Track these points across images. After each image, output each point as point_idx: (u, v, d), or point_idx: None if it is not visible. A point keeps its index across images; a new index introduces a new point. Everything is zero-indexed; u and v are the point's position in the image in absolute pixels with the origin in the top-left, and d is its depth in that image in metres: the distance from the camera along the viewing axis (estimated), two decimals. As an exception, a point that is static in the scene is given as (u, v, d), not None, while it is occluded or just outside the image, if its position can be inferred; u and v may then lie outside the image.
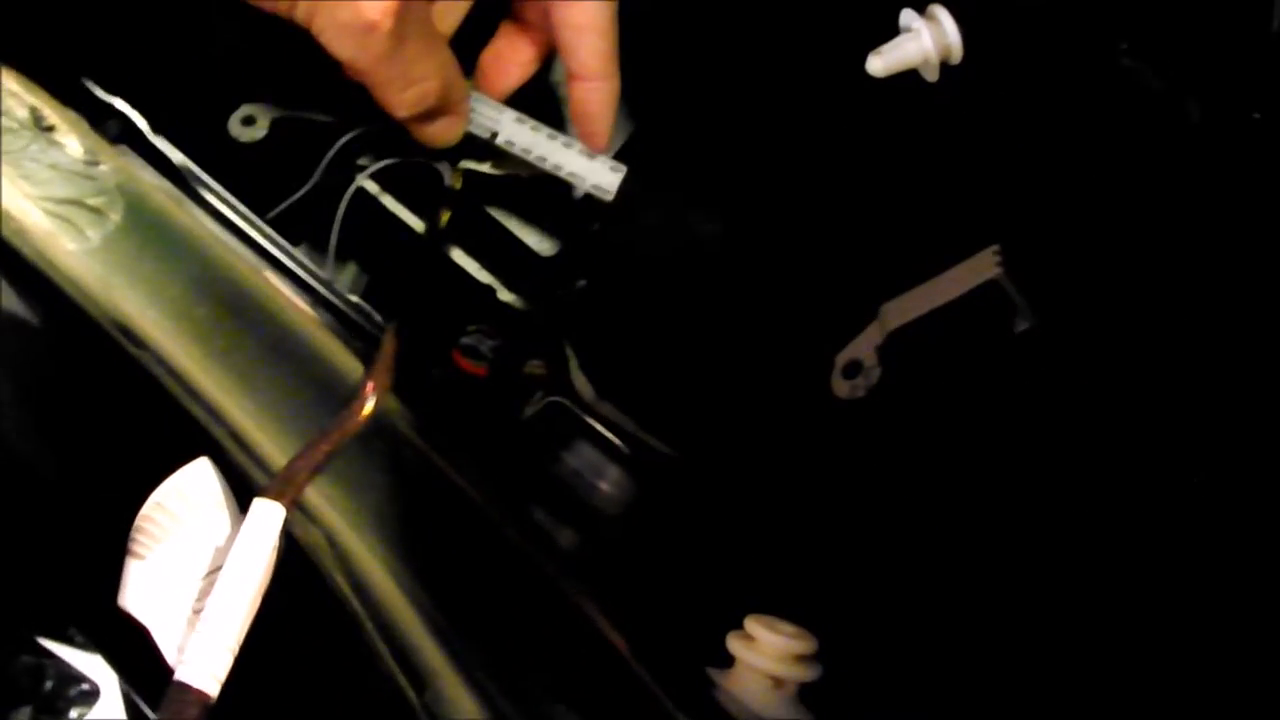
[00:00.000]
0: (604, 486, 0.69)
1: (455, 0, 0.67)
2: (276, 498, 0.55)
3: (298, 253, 0.70)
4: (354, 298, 0.70)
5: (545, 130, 0.70)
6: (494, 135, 0.69)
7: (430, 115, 0.66)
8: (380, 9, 0.58)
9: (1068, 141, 0.63)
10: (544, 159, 0.69)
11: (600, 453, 0.70)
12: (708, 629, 0.59)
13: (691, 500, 0.68)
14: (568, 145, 0.70)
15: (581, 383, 0.71)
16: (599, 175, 0.69)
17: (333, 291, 0.69)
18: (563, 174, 0.69)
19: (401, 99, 0.64)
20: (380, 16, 0.58)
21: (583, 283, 0.75)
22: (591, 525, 0.69)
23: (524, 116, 0.70)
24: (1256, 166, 0.55)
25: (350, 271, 0.77)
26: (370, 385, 0.59)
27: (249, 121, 0.73)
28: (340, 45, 0.60)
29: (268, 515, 0.55)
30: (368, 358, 0.63)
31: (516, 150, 0.69)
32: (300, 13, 0.59)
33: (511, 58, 0.70)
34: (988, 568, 0.61)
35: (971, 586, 0.61)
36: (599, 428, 0.69)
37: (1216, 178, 0.57)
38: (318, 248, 0.77)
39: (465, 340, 0.73)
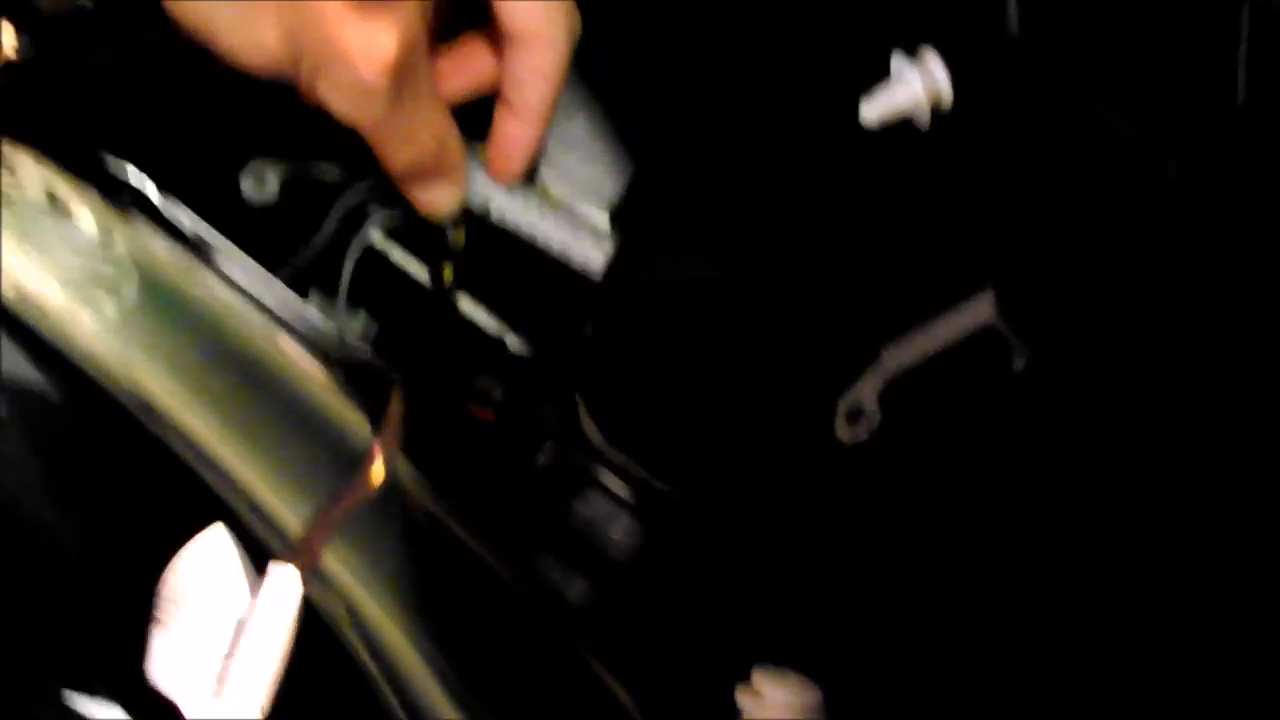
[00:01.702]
0: (615, 535, 0.71)
1: (462, 65, 0.68)
2: (293, 564, 0.56)
3: (308, 308, 0.72)
4: (364, 349, 0.71)
5: (537, 206, 0.71)
6: (487, 209, 0.71)
7: (427, 179, 0.67)
8: (375, 72, 0.60)
9: (1052, 188, 0.64)
10: (534, 235, 0.70)
11: (611, 501, 0.71)
12: (717, 678, 0.60)
13: (701, 546, 0.69)
14: (557, 223, 0.72)
15: (590, 429, 0.72)
16: (586, 254, 0.70)
17: (343, 345, 0.71)
18: (551, 251, 0.70)
19: (399, 156, 0.65)
20: (376, 78, 0.60)
21: (590, 328, 0.76)
22: (603, 573, 0.70)
23: (517, 191, 0.71)
24: (1233, 216, 0.57)
25: (360, 319, 0.78)
26: (379, 448, 0.60)
27: (259, 179, 0.75)
28: (340, 106, 0.62)
29: (286, 582, 0.56)
30: (378, 414, 0.64)
31: (507, 226, 0.70)
32: (303, 78, 0.61)
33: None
34: (995, 610, 0.62)
35: (979, 629, 0.62)
36: (608, 477, 0.70)
37: (1195, 225, 0.59)
38: (328, 295, 0.79)
39: (474, 387, 0.74)
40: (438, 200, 0.69)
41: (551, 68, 0.67)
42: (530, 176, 0.73)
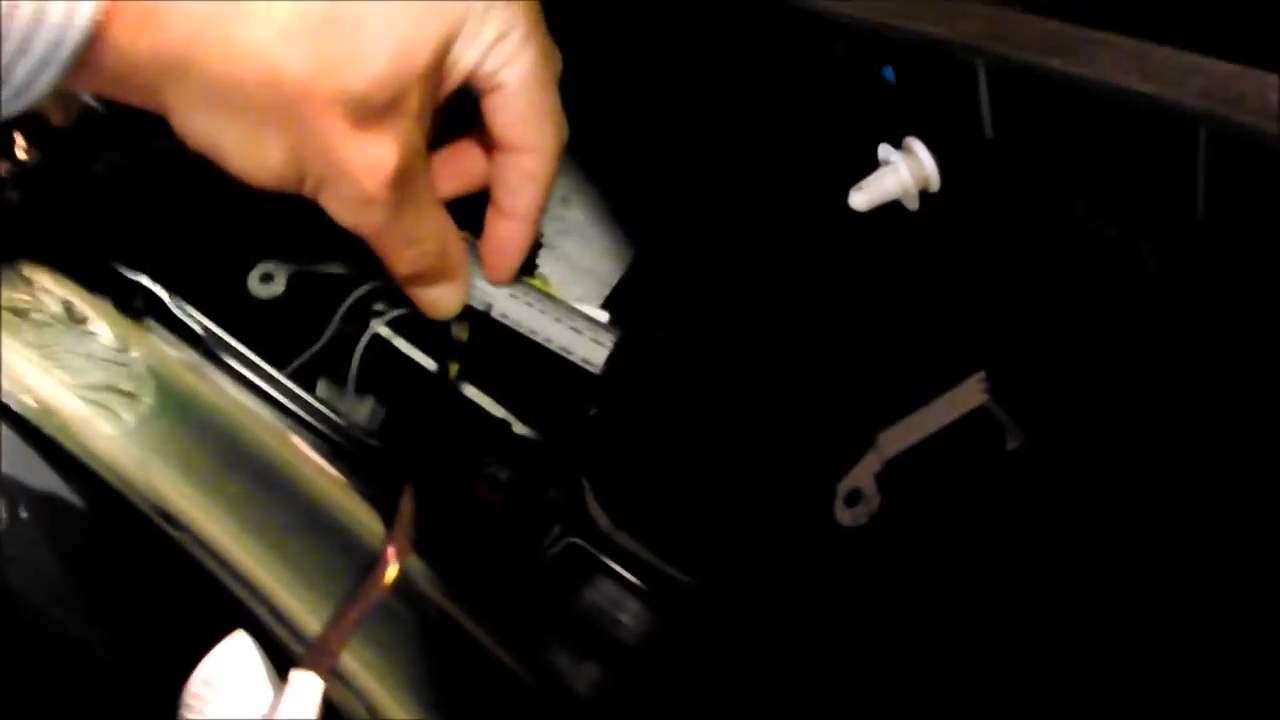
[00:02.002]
0: (625, 620, 0.72)
1: (456, 167, 0.70)
2: (313, 668, 0.58)
3: (318, 404, 0.74)
4: (373, 440, 0.73)
5: (538, 305, 0.72)
6: (489, 308, 0.72)
7: (430, 280, 0.69)
8: (377, 184, 0.61)
9: (1037, 276, 0.66)
10: (535, 332, 0.72)
11: (620, 587, 0.73)
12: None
13: (708, 630, 0.71)
14: (558, 320, 0.72)
15: (597, 512, 0.74)
16: (587, 350, 0.72)
17: (351, 437, 0.73)
18: (553, 347, 0.72)
19: (402, 257, 0.66)
20: (377, 190, 0.61)
21: (594, 411, 0.77)
22: (613, 657, 0.71)
23: (518, 290, 0.72)
24: (1211, 301, 0.58)
25: (369, 404, 0.80)
26: (392, 549, 0.62)
27: (267, 279, 0.77)
28: (344, 217, 0.63)
29: (306, 687, 0.58)
30: (389, 510, 0.66)
31: (509, 324, 0.72)
32: (308, 189, 0.62)
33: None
34: (996, 690, 0.64)
35: (981, 709, 0.64)
36: (615, 566, 0.72)
37: (1172, 311, 0.60)
38: (337, 383, 0.81)
39: (482, 471, 0.76)
40: (441, 301, 0.70)
41: (541, 173, 0.68)
42: (529, 271, 0.74)
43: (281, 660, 0.61)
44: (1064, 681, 0.63)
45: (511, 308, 0.71)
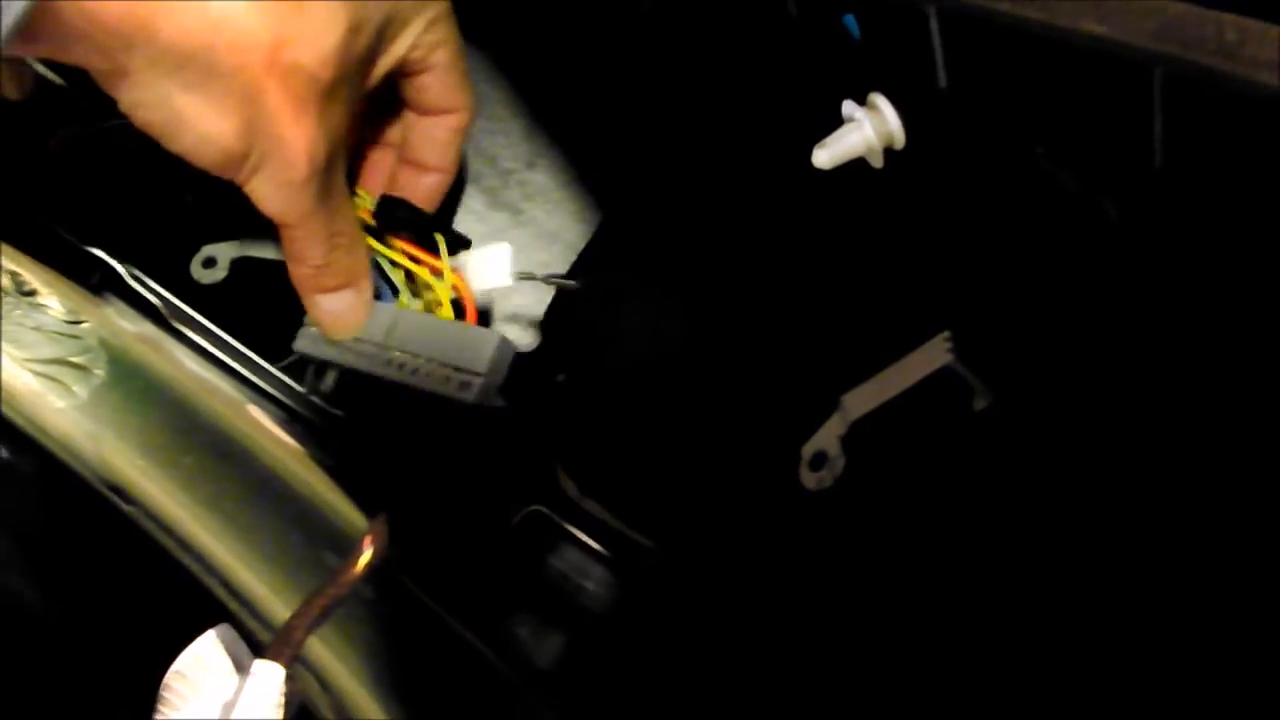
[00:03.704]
0: (590, 587, 0.72)
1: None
2: (275, 658, 0.57)
3: (279, 374, 0.73)
4: (336, 411, 0.72)
5: (396, 365, 0.71)
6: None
7: (336, 284, 0.68)
8: (314, 167, 0.62)
9: (1000, 231, 0.65)
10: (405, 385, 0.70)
11: (585, 554, 0.72)
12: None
13: (674, 596, 0.70)
14: (426, 376, 0.70)
15: (565, 480, 0.73)
16: (455, 393, 0.70)
17: (313, 407, 0.72)
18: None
19: (318, 250, 0.66)
20: (313, 173, 0.62)
21: (562, 378, 0.76)
22: (578, 625, 0.71)
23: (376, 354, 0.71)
24: (1173, 253, 0.58)
25: (332, 377, 0.78)
26: (368, 539, 0.61)
27: (210, 263, 0.76)
28: (273, 202, 0.63)
29: (268, 676, 0.57)
30: (348, 477, 0.65)
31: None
32: (243, 174, 0.62)
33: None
34: (963, 651, 0.63)
35: (948, 672, 0.63)
36: (579, 534, 0.71)
37: (1136, 264, 0.60)
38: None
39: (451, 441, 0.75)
40: (344, 313, 0.70)
41: (468, 125, 0.74)
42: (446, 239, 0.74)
43: (252, 645, 0.60)
44: (1029, 644, 0.62)
45: (378, 369, 0.70)
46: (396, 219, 0.71)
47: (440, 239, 0.72)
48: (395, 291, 0.72)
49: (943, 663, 0.63)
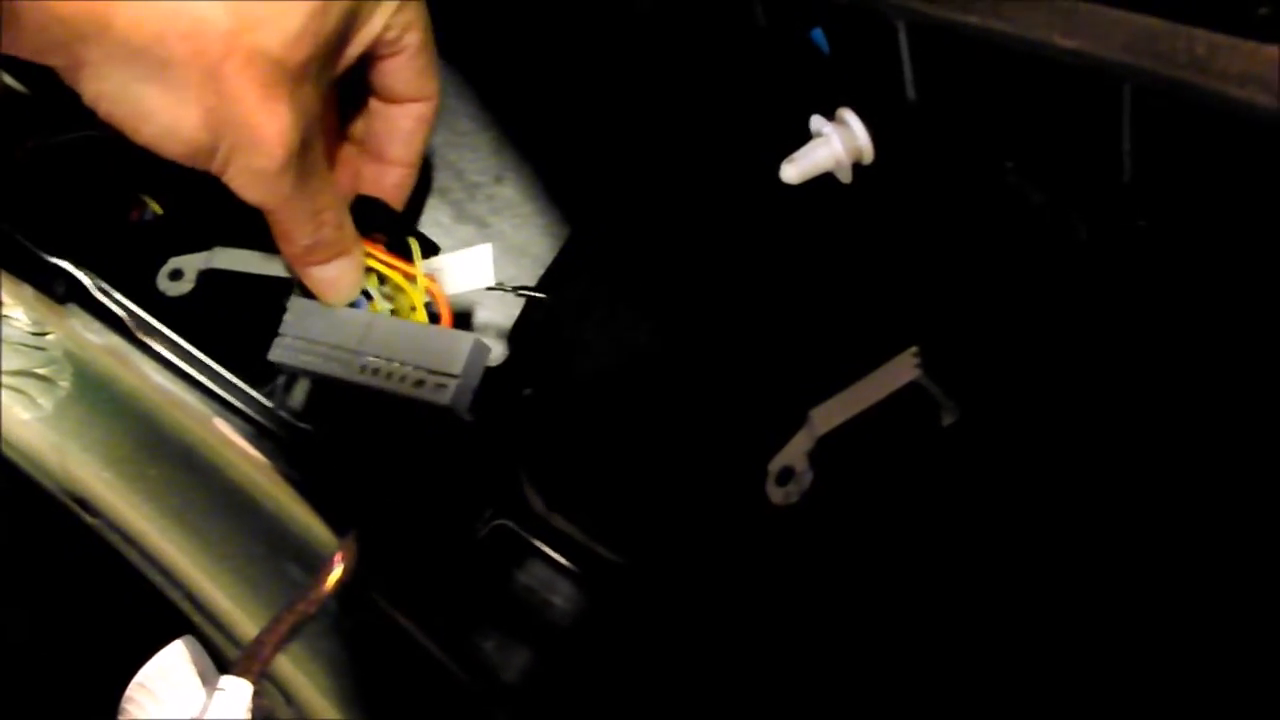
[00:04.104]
0: (557, 601, 0.71)
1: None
2: (243, 674, 0.56)
3: (246, 388, 0.72)
4: (304, 425, 0.72)
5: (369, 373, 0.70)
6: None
7: (327, 255, 0.68)
8: (287, 152, 0.61)
9: (968, 247, 0.65)
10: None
11: (551, 568, 0.72)
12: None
13: (641, 610, 0.70)
14: (399, 384, 0.69)
15: (531, 494, 0.73)
16: (432, 395, 0.69)
17: (281, 421, 0.71)
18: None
19: (304, 230, 0.66)
20: (287, 159, 0.61)
21: (529, 391, 0.76)
22: (544, 640, 0.70)
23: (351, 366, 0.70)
24: (1143, 268, 0.58)
25: (302, 387, 0.78)
26: (339, 556, 0.61)
27: (176, 276, 0.75)
28: (251, 189, 0.62)
29: (236, 692, 0.56)
30: (314, 493, 0.65)
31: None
32: (216, 164, 0.61)
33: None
34: (928, 664, 0.63)
35: (913, 685, 0.63)
36: (545, 548, 0.71)
37: (1104, 279, 0.60)
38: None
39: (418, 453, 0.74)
40: (339, 278, 0.69)
41: (433, 116, 0.72)
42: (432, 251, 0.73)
43: (217, 659, 0.59)
44: (996, 657, 0.62)
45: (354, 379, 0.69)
46: (373, 220, 0.70)
47: (414, 243, 0.71)
48: (369, 297, 0.71)
49: (909, 676, 0.63)
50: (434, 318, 0.71)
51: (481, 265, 0.72)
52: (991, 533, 0.63)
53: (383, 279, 0.71)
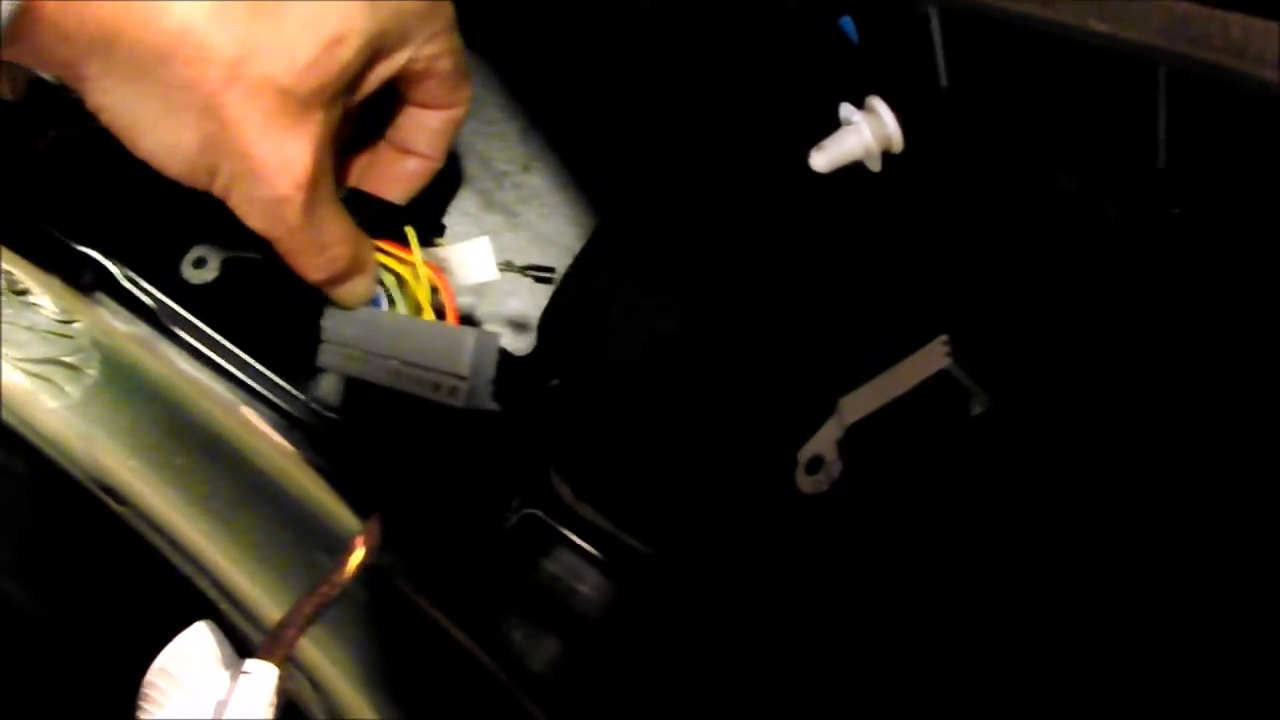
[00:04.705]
0: (584, 590, 0.71)
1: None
2: (267, 657, 0.56)
3: (273, 376, 0.72)
4: (331, 414, 0.72)
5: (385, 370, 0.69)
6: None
7: (340, 280, 0.67)
8: (292, 183, 0.60)
9: (999, 235, 0.65)
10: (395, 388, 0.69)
11: (579, 557, 0.71)
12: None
13: (669, 599, 0.70)
14: (414, 381, 0.69)
15: (559, 484, 0.73)
16: (446, 398, 0.68)
17: (309, 410, 0.71)
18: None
19: (314, 265, 0.65)
20: (292, 190, 0.60)
21: (556, 382, 0.76)
22: (572, 628, 0.70)
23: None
24: (1175, 255, 0.57)
25: (330, 380, 0.78)
26: (360, 539, 0.61)
27: (201, 263, 0.75)
28: (255, 218, 0.62)
29: (260, 676, 0.56)
30: (342, 479, 0.65)
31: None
32: (217, 188, 0.61)
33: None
34: (959, 656, 0.63)
35: (943, 676, 0.63)
36: (573, 537, 0.70)
37: (1136, 267, 0.59)
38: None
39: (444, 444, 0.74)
40: (354, 294, 0.69)
41: (462, 118, 0.71)
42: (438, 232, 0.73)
43: (234, 640, 0.59)
44: (1025, 648, 0.62)
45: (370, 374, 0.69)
46: (365, 215, 0.69)
47: (411, 233, 0.69)
48: (391, 301, 0.71)
49: (939, 666, 0.63)
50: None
51: (482, 258, 0.71)
52: (1020, 522, 0.63)
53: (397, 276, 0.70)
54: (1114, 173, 0.54)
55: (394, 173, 0.71)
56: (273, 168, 0.59)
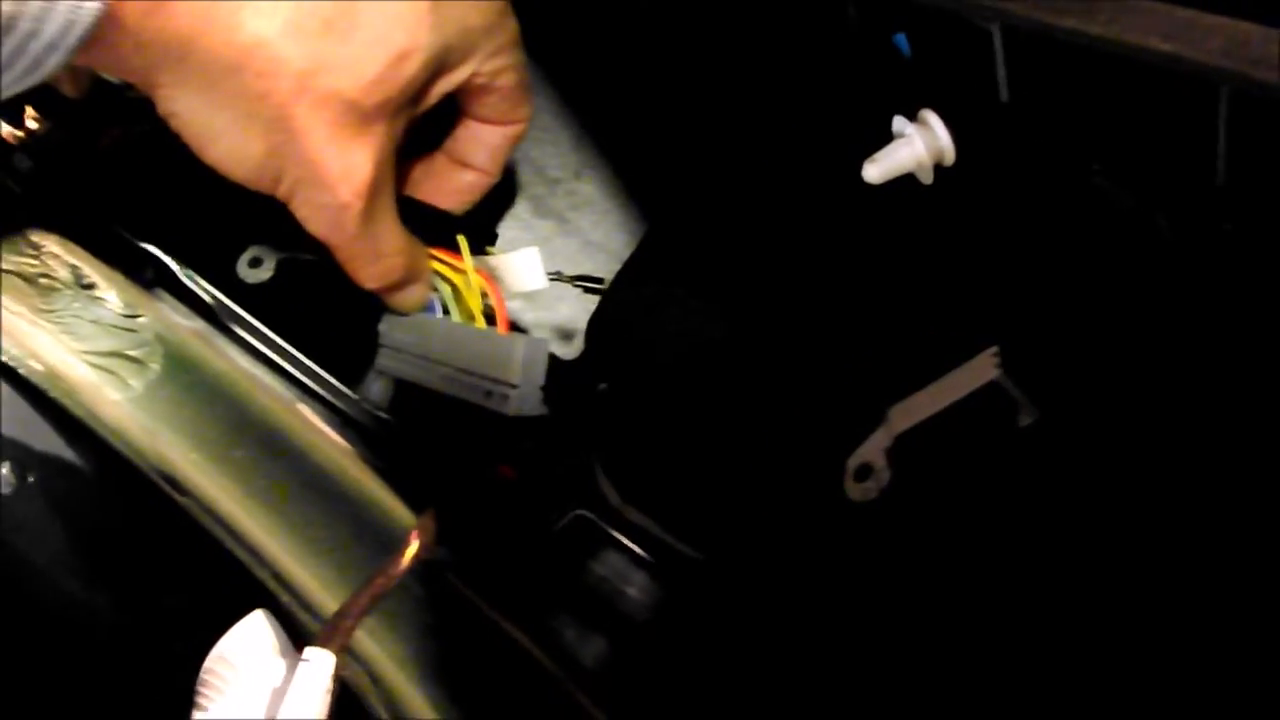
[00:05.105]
0: (631, 592, 0.72)
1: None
2: (325, 645, 0.57)
3: (328, 376, 0.73)
4: (384, 415, 0.73)
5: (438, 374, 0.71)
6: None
7: (396, 288, 0.69)
8: (353, 191, 0.62)
9: (1052, 248, 0.66)
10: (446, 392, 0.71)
11: (626, 559, 0.72)
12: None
13: (716, 603, 0.71)
14: (465, 387, 0.71)
15: (606, 487, 0.74)
16: (498, 406, 0.69)
17: (362, 410, 0.72)
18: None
19: (370, 273, 0.67)
20: (353, 198, 0.62)
21: (604, 386, 0.77)
22: (620, 630, 0.71)
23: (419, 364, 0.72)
24: (1227, 272, 0.58)
25: (383, 383, 0.79)
26: (415, 533, 0.62)
27: (256, 263, 0.76)
28: (316, 223, 0.63)
29: (319, 664, 0.57)
30: (396, 477, 0.66)
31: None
32: (281, 192, 0.62)
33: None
34: (1005, 665, 0.63)
35: (989, 685, 0.63)
36: (622, 538, 0.71)
37: (1188, 283, 0.60)
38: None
39: (499, 443, 0.75)
40: (409, 301, 0.71)
41: (521, 134, 0.71)
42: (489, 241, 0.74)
43: (290, 631, 0.60)
44: (1069, 660, 0.62)
45: (420, 376, 0.71)
46: (420, 224, 0.70)
47: (463, 241, 0.71)
48: (446, 310, 0.72)
49: (985, 675, 0.63)
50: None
51: (532, 267, 0.72)
52: (1065, 535, 0.63)
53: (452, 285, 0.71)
54: (1169, 190, 0.55)
55: (450, 184, 0.72)
56: (335, 175, 0.60)
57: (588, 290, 0.78)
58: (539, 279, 0.72)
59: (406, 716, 0.59)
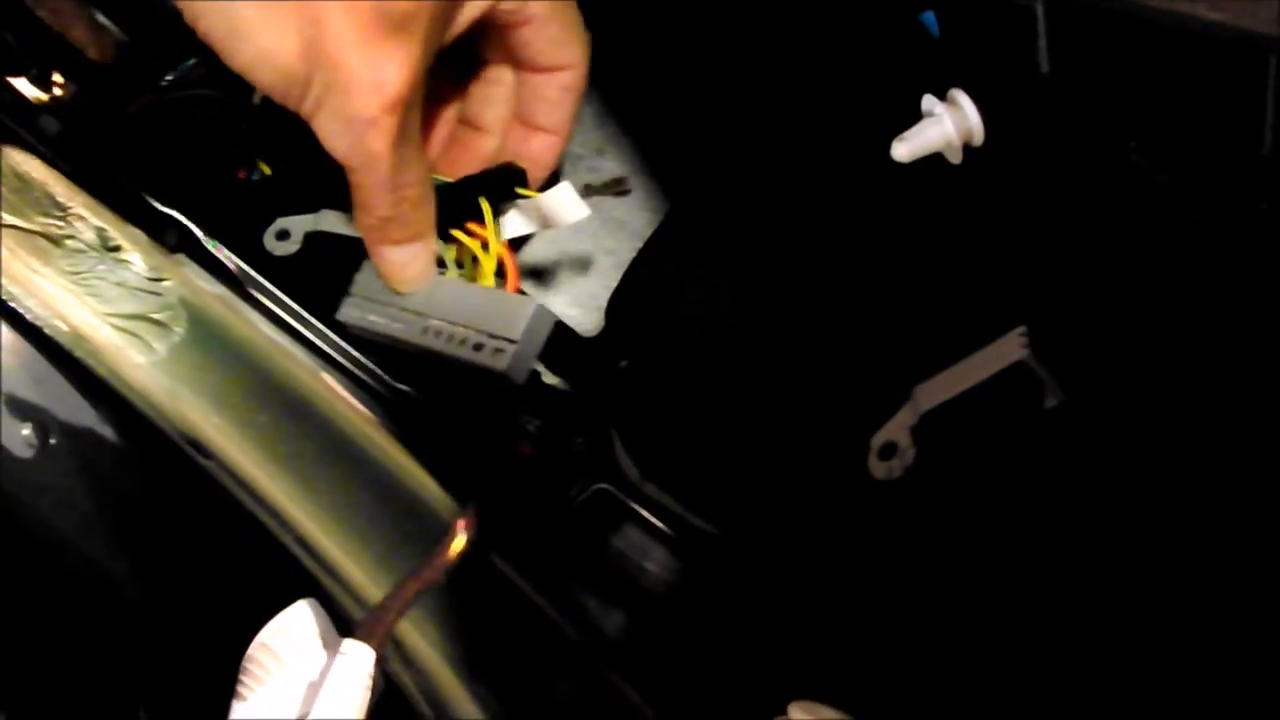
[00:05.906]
0: (650, 568, 0.72)
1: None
2: (365, 639, 0.56)
3: (349, 347, 0.73)
4: (405, 388, 0.72)
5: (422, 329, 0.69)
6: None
7: (400, 237, 0.67)
8: (381, 105, 0.60)
9: (1083, 228, 0.65)
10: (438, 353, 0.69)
11: (646, 535, 0.72)
12: (752, 710, 0.61)
13: (735, 579, 0.70)
14: (455, 345, 0.68)
15: (626, 463, 0.73)
16: (489, 360, 0.67)
17: (384, 382, 0.72)
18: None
19: (384, 199, 0.64)
20: (380, 112, 0.60)
21: (625, 363, 0.77)
22: (639, 606, 0.71)
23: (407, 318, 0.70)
24: (1262, 254, 0.58)
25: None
26: (461, 524, 0.61)
27: (283, 235, 0.76)
28: (338, 139, 0.61)
29: (358, 658, 0.56)
30: (421, 450, 0.66)
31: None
32: (307, 106, 0.60)
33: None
34: (1026, 645, 0.63)
35: (1009, 664, 0.63)
36: (643, 512, 0.71)
37: (1219, 264, 0.60)
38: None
39: (514, 421, 0.75)
40: (410, 264, 0.68)
41: (580, 84, 0.70)
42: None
43: (327, 604, 0.60)
44: (1090, 641, 0.62)
45: (404, 332, 0.69)
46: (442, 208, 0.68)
47: (486, 206, 0.69)
48: (442, 265, 0.70)
49: (1005, 655, 0.63)
50: None
51: (569, 200, 0.69)
52: (1089, 516, 0.63)
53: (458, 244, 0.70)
54: (1209, 166, 0.55)
55: (521, 151, 0.71)
56: (365, 84, 0.58)
57: (618, 195, 0.77)
58: (580, 208, 0.70)
59: (449, 710, 0.59)
